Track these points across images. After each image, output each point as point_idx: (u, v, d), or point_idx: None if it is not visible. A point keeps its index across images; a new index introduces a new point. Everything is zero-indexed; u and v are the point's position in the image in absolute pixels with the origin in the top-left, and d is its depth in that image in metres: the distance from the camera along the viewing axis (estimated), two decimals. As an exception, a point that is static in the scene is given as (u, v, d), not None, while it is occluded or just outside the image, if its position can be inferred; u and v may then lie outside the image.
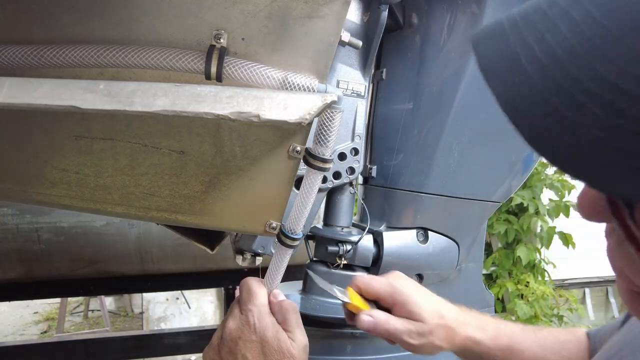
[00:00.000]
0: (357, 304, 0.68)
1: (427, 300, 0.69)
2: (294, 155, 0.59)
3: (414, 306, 0.67)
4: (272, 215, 0.65)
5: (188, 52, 0.54)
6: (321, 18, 0.53)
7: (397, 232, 0.99)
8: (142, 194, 0.64)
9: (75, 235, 1.77)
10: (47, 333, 4.75)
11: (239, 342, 0.62)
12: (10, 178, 0.66)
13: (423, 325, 0.67)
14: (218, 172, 0.62)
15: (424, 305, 0.68)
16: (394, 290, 0.69)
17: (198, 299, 3.91)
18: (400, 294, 0.68)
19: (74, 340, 2.20)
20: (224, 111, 0.49)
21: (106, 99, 0.50)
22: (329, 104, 0.52)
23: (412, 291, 0.69)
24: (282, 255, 0.67)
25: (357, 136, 0.93)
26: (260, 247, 0.94)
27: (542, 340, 0.72)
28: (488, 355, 0.70)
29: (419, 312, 0.67)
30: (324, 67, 0.56)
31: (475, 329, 0.70)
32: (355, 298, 0.69)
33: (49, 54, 0.54)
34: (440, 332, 0.67)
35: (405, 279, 0.72)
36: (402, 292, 0.68)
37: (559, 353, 0.71)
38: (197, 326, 3.50)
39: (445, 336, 0.68)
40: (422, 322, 0.67)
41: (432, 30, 0.97)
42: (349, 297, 0.68)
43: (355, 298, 0.69)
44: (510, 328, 0.72)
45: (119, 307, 5.12)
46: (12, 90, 0.50)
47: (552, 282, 3.79)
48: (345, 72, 0.91)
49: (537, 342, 0.71)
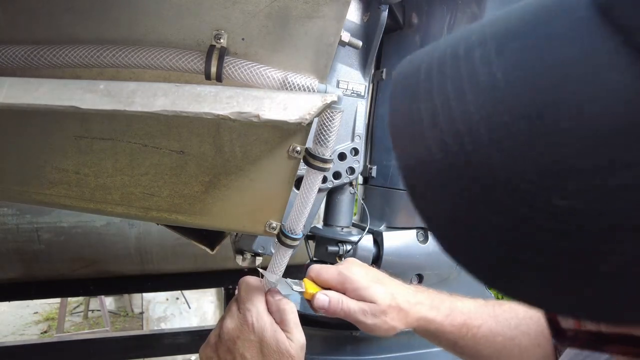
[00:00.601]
0: (312, 292, 0.70)
1: (377, 283, 0.71)
2: (294, 155, 0.59)
3: (364, 290, 0.69)
4: (272, 215, 0.65)
5: (188, 52, 0.54)
6: (321, 18, 0.53)
7: (397, 232, 0.99)
8: (142, 194, 0.64)
9: (75, 235, 1.77)
10: (47, 333, 4.75)
11: (238, 342, 0.62)
12: (10, 178, 0.66)
13: (375, 306, 0.68)
14: (218, 172, 0.62)
15: (373, 288, 0.70)
16: (343, 278, 0.70)
17: (198, 299, 3.90)
18: (349, 281, 0.70)
19: (74, 340, 2.20)
20: (224, 111, 0.49)
21: (106, 99, 0.50)
22: (329, 104, 0.52)
23: (361, 276, 0.71)
24: (282, 255, 0.67)
25: (357, 136, 0.93)
26: (260, 247, 0.94)
27: (499, 314, 0.73)
28: (443, 332, 0.71)
29: (369, 295, 0.69)
30: (324, 67, 0.56)
31: (428, 309, 0.71)
32: (310, 287, 0.71)
33: (49, 54, 0.54)
34: (393, 313, 0.69)
35: (356, 266, 0.74)
36: (351, 279, 0.70)
37: (517, 327, 0.72)
38: (197, 326, 3.50)
39: (398, 317, 0.69)
40: (374, 303, 0.69)
41: (432, 30, 0.97)
42: (305, 287, 0.70)
43: (310, 287, 0.71)
44: (467, 305, 0.74)
45: (119, 307, 5.12)
46: (12, 90, 0.50)
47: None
48: (345, 72, 0.91)
49: (494, 317, 0.72)
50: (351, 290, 0.70)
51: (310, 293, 0.70)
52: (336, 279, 0.71)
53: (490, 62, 0.25)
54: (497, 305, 0.75)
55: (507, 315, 0.73)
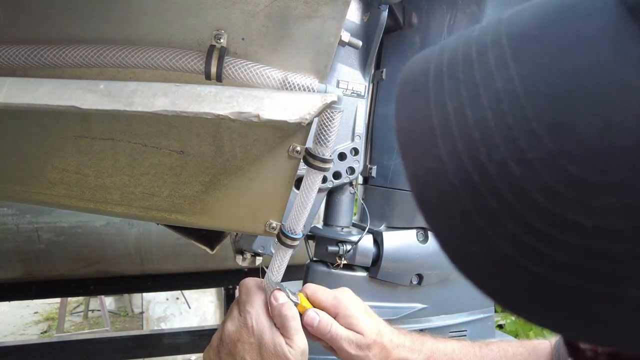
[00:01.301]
0: (305, 307, 0.70)
1: (367, 317, 0.70)
2: (294, 155, 0.59)
3: (354, 319, 0.68)
4: (272, 215, 0.65)
5: (188, 52, 0.54)
6: (321, 18, 0.53)
7: (397, 232, 0.99)
8: (142, 194, 0.64)
9: (75, 235, 1.77)
10: (47, 333, 4.75)
11: (238, 345, 0.62)
12: (10, 178, 0.66)
13: (362, 339, 0.68)
14: (218, 172, 0.62)
15: (363, 320, 0.69)
16: (338, 302, 0.70)
17: (198, 299, 3.90)
18: (343, 307, 0.69)
19: (74, 340, 2.19)
20: (224, 111, 0.49)
21: (106, 99, 0.50)
22: (329, 104, 0.52)
23: (355, 306, 0.70)
24: (282, 255, 0.67)
25: (357, 136, 0.93)
26: (260, 247, 0.94)
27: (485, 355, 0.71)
28: None
29: (359, 325, 0.68)
30: (324, 67, 0.56)
31: (409, 351, 0.70)
32: (305, 302, 0.71)
33: (49, 54, 0.54)
34: (376, 349, 0.68)
35: (351, 295, 0.73)
36: (345, 305, 0.69)
37: None
38: (197, 326, 3.50)
39: (380, 354, 0.68)
40: (362, 335, 0.68)
41: (432, 30, 0.97)
42: (299, 300, 0.70)
43: (305, 302, 0.71)
44: (451, 346, 0.72)
45: (119, 307, 5.12)
46: (12, 90, 0.50)
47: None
48: (345, 72, 0.91)
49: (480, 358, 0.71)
50: (342, 316, 0.69)
51: (304, 307, 0.69)
52: (330, 302, 0.70)
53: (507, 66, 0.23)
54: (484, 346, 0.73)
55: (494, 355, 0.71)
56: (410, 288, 1.01)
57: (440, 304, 1.05)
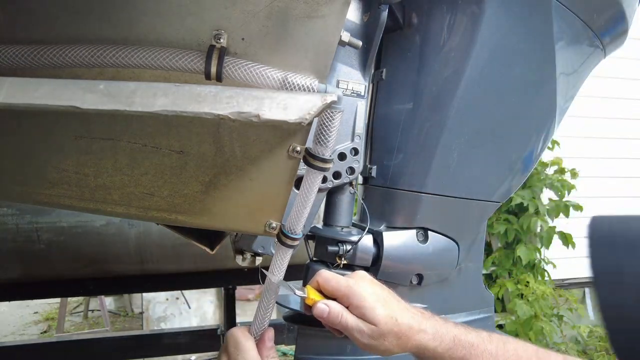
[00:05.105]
0: (314, 298, 0.70)
1: (382, 305, 0.70)
2: (294, 155, 0.59)
3: (368, 310, 0.68)
4: (272, 215, 0.65)
5: (188, 52, 0.54)
6: (321, 18, 0.53)
7: (397, 232, 0.99)
8: (142, 193, 0.64)
9: (75, 235, 1.77)
10: (47, 333, 4.75)
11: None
12: (10, 178, 0.66)
13: (375, 329, 0.68)
14: (218, 172, 0.62)
15: (378, 310, 0.68)
16: (350, 291, 0.69)
17: (198, 299, 3.91)
18: (356, 297, 0.69)
19: (74, 340, 2.20)
20: (224, 111, 0.49)
21: (106, 99, 0.50)
22: (329, 104, 0.52)
23: (369, 294, 0.70)
24: (282, 255, 0.67)
25: (357, 136, 0.93)
26: (260, 247, 0.94)
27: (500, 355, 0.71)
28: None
29: (372, 316, 0.68)
30: (324, 67, 0.56)
31: (431, 338, 0.70)
32: (313, 294, 0.70)
33: (49, 54, 0.54)
34: (392, 338, 0.68)
35: (366, 282, 0.72)
36: (358, 295, 0.69)
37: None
38: (197, 326, 3.50)
39: (397, 342, 0.68)
40: (375, 326, 0.68)
41: (432, 30, 0.97)
42: (307, 293, 0.70)
43: (313, 294, 0.70)
44: (470, 339, 0.72)
45: (119, 307, 5.12)
46: (12, 90, 0.50)
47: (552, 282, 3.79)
48: (345, 72, 0.91)
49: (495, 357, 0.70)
50: (355, 306, 0.69)
51: (312, 299, 0.69)
52: (343, 291, 0.70)
53: None
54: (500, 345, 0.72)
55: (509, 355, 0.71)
56: (410, 288, 1.01)
57: (440, 304, 1.05)
